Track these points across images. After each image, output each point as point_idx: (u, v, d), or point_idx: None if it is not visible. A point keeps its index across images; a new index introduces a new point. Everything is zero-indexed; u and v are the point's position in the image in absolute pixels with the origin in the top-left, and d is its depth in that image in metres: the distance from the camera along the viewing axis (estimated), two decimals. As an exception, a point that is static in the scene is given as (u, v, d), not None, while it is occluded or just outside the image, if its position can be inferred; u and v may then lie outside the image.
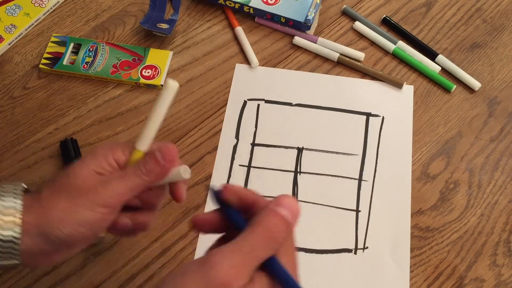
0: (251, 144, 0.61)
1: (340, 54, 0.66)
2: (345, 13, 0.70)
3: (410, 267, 0.54)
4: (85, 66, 0.65)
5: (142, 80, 0.64)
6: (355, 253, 0.54)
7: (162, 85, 0.64)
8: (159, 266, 0.54)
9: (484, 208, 0.57)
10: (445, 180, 0.58)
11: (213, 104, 0.64)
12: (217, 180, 0.58)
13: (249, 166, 0.59)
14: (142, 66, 0.65)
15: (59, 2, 0.72)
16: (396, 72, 0.65)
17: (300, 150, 0.60)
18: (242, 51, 0.67)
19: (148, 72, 0.65)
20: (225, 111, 0.63)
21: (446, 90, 0.64)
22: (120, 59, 0.66)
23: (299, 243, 0.54)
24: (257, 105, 0.63)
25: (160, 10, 0.70)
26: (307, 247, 0.55)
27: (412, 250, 0.54)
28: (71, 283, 0.53)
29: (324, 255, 0.54)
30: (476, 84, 0.63)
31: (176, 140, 0.61)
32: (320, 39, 0.67)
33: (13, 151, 0.61)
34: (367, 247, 0.55)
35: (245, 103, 0.63)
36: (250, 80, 0.65)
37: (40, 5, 0.71)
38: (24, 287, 0.53)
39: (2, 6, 0.70)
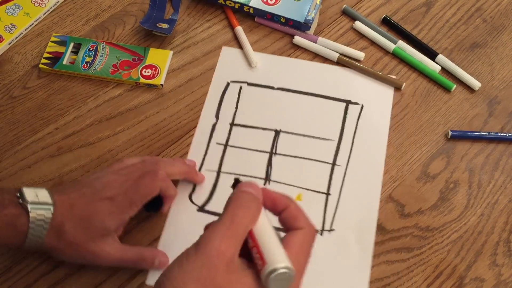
0: (230, 123, 0.62)
1: (340, 54, 0.65)
2: (345, 12, 0.70)
3: (410, 266, 0.54)
4: (85, 66, 0.65)
5: (142, 80, 0.64)
6: (321, 234, 0.55)
7: (162, 85, 0.64)
8: (159, 265, 0.54)
9: (484, 208, 0.57)
10: (445, 180, 0.58)
11: (213, 103, 0.64)
12: (193, 157, 0.60)
13: (226, 145, 0.60)
14: (142, 66, 0.65)
15: (59, 2, 0.72)
16: (396, 71, 0.65)
17: (277, 133, 0.61)
18: (242, 50, 0.67)
19: (148, 72, 0.65)
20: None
21: (446, 89, 0.64)
22: (120, 59, 0.66)
23: None
24: (239, 87, 0.64)
25: (160, 10, 0.70)
26: (274, 225, 0.54)
27: (412, 249, 0.54)
28: (71, 283, 0.53)
29: None
30: (476, 83, 0.63)
31: (176, 140, 0.61)
32: (320, 38, 0.67)
33: (13, 151, 0.61)
34: (333, 229, 0.55)
35: (228, 84, 0.64)
36: (235, 63, 0.66)
37: (40, 4, 0.71)
38: (24, 287, 0.53)
39: (2, 5, 0.70)
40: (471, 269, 0.53)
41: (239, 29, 0.68)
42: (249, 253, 0.35)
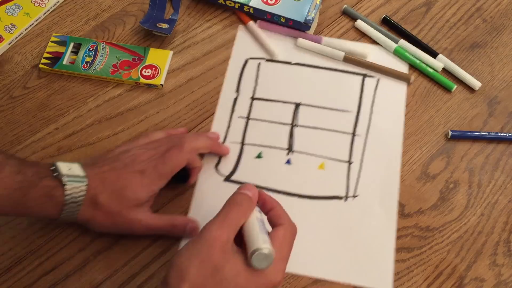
0: (251, 98, 0.63)
1: (346, 53, 0.65)
2: (345, 12, 0.70)
3: (410, 266, 0.54)
4: (85, 66, 0.65)
5: (142, 80, 0.64)
6: (345, 200, 0.57)
7: (162, 85, 0.65)
8: (159, 266, 0.54)
9: (484, 208, 0.57)
10: (445, 180, 0.58)
11: (213, 103, 0.64)
12: (216, 130, 0.62)
13: (248, 118, 0.62)
14: (142, 66, 0.65)
15: (59, 2, 0.72)
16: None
17: (297, 105, 0.63)
18: (257, 44, 0.67)
19: (148, 72, 0.65)
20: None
21: (447, 89, 0.64)
22: (120, 59, 0.66)
23: (293, 189, 0.58)
24: (257, 63, 0.66)
25: (160, 10, 0.70)
26: (299, 193, 0.57)
27: (412, 249, 0.54)
28: (71, 283, 0.53)
29: (316, 200, 0.57)
30: (476, 83, 0.63)
31: (176, 140, 0.61)
32: (325, 38, 0.66)
33: (13, 151, 0.61)
34: (357, 195, 0.57)
35: (246, 61, 0.66)
36: (252, 41, 0.68)
37: (40, 4, 0.71)
38: (24, 287, 0.53)
39: (2, 5, 0.70)
40: (471, 269, 0.53)
41: (252, 24, 0.68)
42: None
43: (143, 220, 0.52)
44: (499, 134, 0.60)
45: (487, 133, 0.60)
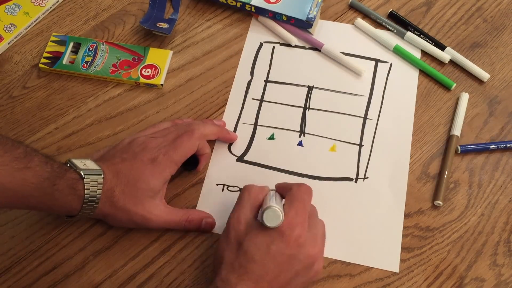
0: (264, 80, 0.65)
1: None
2: (352, 6, 0.70)
3: (411, 266, 0.54)
4: (85, 66, 0.65)
5: (142, 80, 0.64)
6: (356, 181, 0.58)
7: (162, 85, 0.64)
8: (159, 266, 0.54)
9: (485, 208, 0.57)
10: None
11: (213, 103, 0.64)
12: (230, 111, 0.63)
13: (261, 100, 0.64)
14: (142, 66, 0.65)
15: (59, 1, 0.72)
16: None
17: (310, 89, 0.64)
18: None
19: (148, 72, 0.65)
20: (224, 110, 0.63)
21: (447, 88, 0.64)
22: (120, 59, 0.66)
23: (304, 170, 0.59)
24: (272, 47, 0.67)
25: (160, 10, 0.70)
26: (311, 174, 0.59)
27: (412, 249, 0.54)
28: (71, 283, 0.53)
29: (327, 182, 0.58)
30: (485, 75, 0.64)
31: (176, 140, 0.61)
32: (325, 47, 0.66)
33: (12, 151, 0.61)
34: (367, 177, 0.58)
35: (261, 45, 0.67)
36: (266, 29, 0.69)
37: (40, 4, 0.71)
38: (24, 287, 0.53)
39: (2, 5, 0.70)
40: (472, 269, 0.53)
41: (262, 18, 0.68)
42: None
43: (159, 216, 0.53)
44: (508, 145, 0.59)
45: (496, 146, 0.59)
